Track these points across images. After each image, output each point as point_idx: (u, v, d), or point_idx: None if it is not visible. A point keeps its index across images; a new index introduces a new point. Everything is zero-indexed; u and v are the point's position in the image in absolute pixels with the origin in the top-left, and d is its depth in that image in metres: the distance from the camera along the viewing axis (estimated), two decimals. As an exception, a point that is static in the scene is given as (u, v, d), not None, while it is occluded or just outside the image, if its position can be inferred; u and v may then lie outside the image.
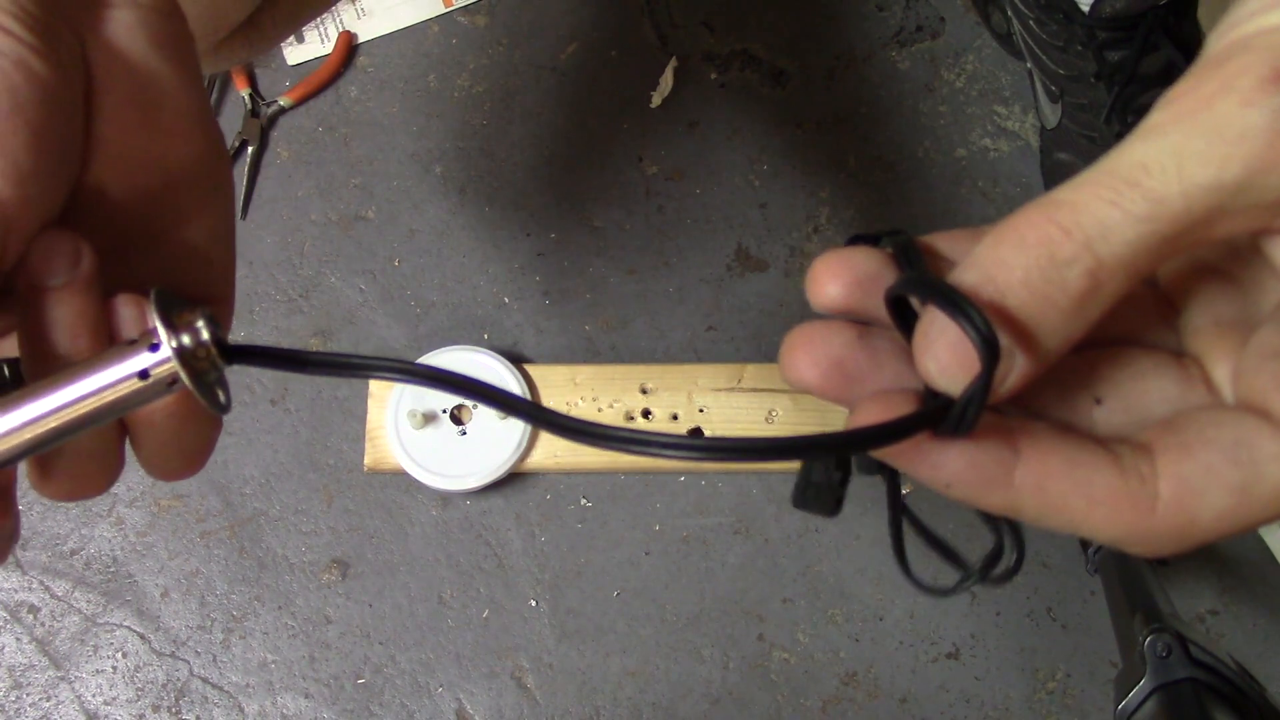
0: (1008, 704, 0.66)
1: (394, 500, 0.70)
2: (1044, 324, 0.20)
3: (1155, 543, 0.22)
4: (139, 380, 0.22)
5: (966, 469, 0.21)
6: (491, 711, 0.67)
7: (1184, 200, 0.19)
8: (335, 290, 0.73)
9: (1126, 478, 0.21)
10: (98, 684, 0.67)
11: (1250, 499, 0.21)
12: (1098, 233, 0.20)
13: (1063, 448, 0.22)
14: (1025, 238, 0.20)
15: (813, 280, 0.23)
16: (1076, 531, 0.22)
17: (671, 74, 0.75)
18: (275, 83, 0.76)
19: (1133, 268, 0.20)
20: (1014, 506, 0.22)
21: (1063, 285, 0.20)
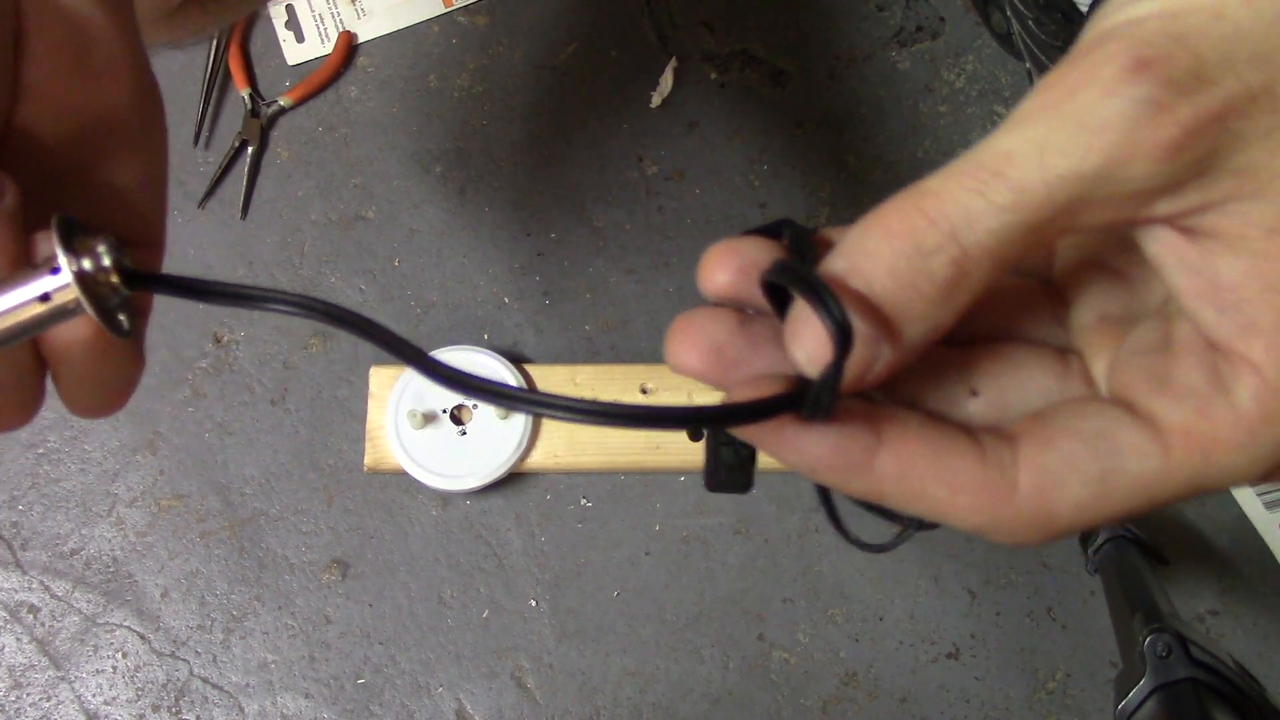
0: (1008, 704, 0.66)
1: (394, 500, 0.70)
2: (910, 312, 0.21)
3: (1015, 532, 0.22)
4: (40, 303, 0.22)
5: (828, 453, 0.22)
6: (491, 711, 0.67)
7: (1046, 190, 0.20)
8: (335, 290, 0.73)
9: (987, 466, 0.22)
10: (98, 684, 0.68)
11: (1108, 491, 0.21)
12: (962, 222, 0.20)
13: (926, 435, 0.22)
14: (891, 227, 0.21)
15: (702, 268, 0.23)
16: (939, 519, 0.22)
17: (671, 74, 0.75)
18: (275, 83, 0.76)
19: (998, 257, 0.20)
20: (877, 492, 0.22)
21: (928, 274, 0.20)
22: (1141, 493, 0.21)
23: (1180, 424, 0.21)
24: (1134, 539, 0.63)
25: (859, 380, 0.22)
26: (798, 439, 0.22)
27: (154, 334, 0.72)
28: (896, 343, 0.21)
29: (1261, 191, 0.20)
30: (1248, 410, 0.20)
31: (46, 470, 0.71)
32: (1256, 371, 0.20)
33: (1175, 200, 0.20)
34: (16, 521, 0.70)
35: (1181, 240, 0.21)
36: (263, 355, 0.72)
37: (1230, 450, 0.21)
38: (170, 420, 0.71)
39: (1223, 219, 0.20)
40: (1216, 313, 0.20)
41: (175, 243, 0.73)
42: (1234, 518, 0.68)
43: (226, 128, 0.76)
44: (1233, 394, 0.20)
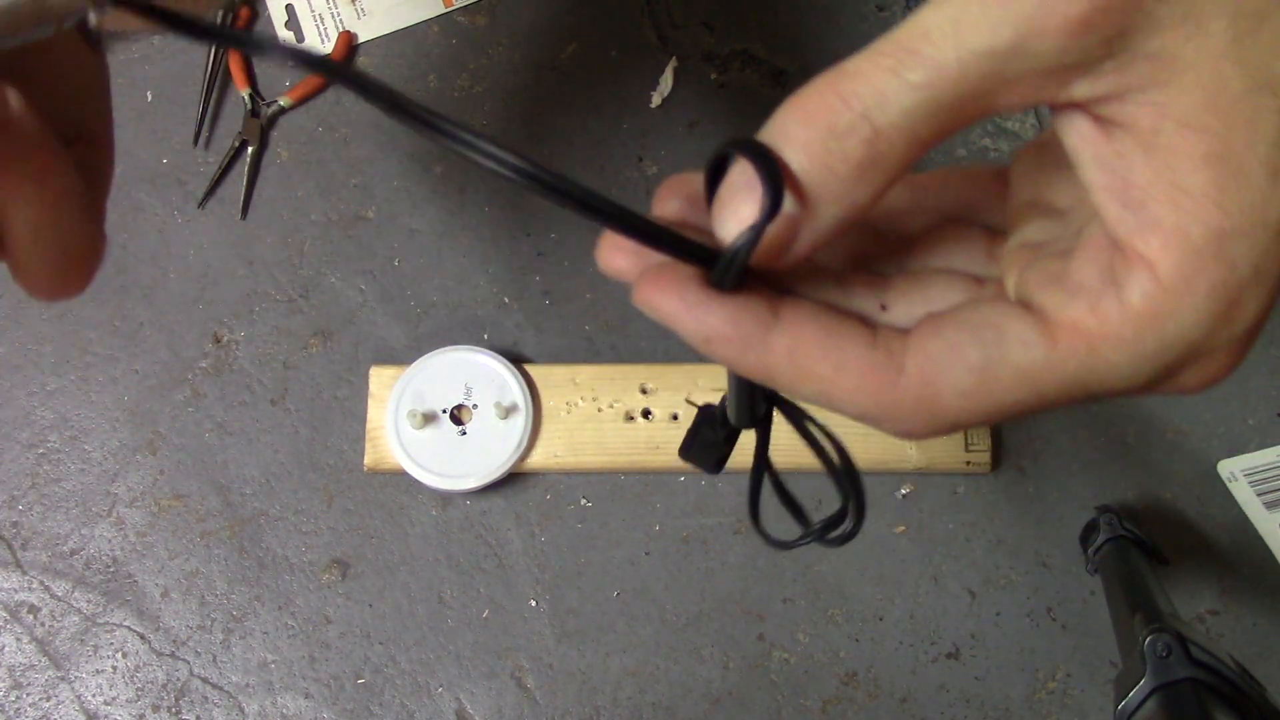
0: (1008, 704, 0.66)
1: (394, 500, 0.70)
2: (826, 192, 0.21)
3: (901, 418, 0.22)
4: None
5: (725, 324, 0.22)
6: (491, 711, 0.67)
7: (959, 67, 0.20)
8: (335, 290, 0.73)
9: (875, 350, 0.22)
10: (98, 684, 0.68)
11: (991, 379, 0.21)
12: (876, 101, 0.20)
13: (821, 317, 0.22)
14: (808, 107, 0.21)
15: (655, 197, 0.24)
16: (828, 403, 0.23)
17: (671, 74, 0.75)
18: (275, 83, 0.76)
19: (913, 137, 0.20)
20: (767, 369, 0.22)
21: (843, 154, 0.20)
22: (1025, 384, 0.21)
23: (1069, 318, 0.21)
24: (1134, 539, 0.63)
25: (775, 257, 0.22)
26: (700, 305, 0.22)
27: (154, 334, 0.72)
28: (813, 222, 0.21)
29: (1175, 80, 0.19)
30: (1137, 308, 0.20)
31: (46, 470, 0.71)
32: (1151, 270, 0.20)
33: (1091, 83, 0.20)
34: (16, 521, 0.70)
35: (1098, 133, 0.21)
36: (263, 355, 0.72)
37: (1115, 347, 0.21)
38: (170, 420, 0.71)
39: (1138, 110, 0.20)
40: (1121, 208, 0.20)
41: (175, 243, 0.73)
42: (1234, 518, 0.68)
43: (226, 128, 0.76)
44: (1125, 291, 0.20)
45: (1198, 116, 0.19)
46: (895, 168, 0.21)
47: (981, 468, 0.68)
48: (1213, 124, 0.19)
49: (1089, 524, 0.66)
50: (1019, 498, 0.69)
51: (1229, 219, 0.19)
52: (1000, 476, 0.69)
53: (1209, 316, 0.20)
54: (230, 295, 0.73)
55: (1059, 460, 0.70)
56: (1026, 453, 0.70)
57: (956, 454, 0.68)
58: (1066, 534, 0.68)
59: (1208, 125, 0.19)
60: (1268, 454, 0.68)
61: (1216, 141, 0.19)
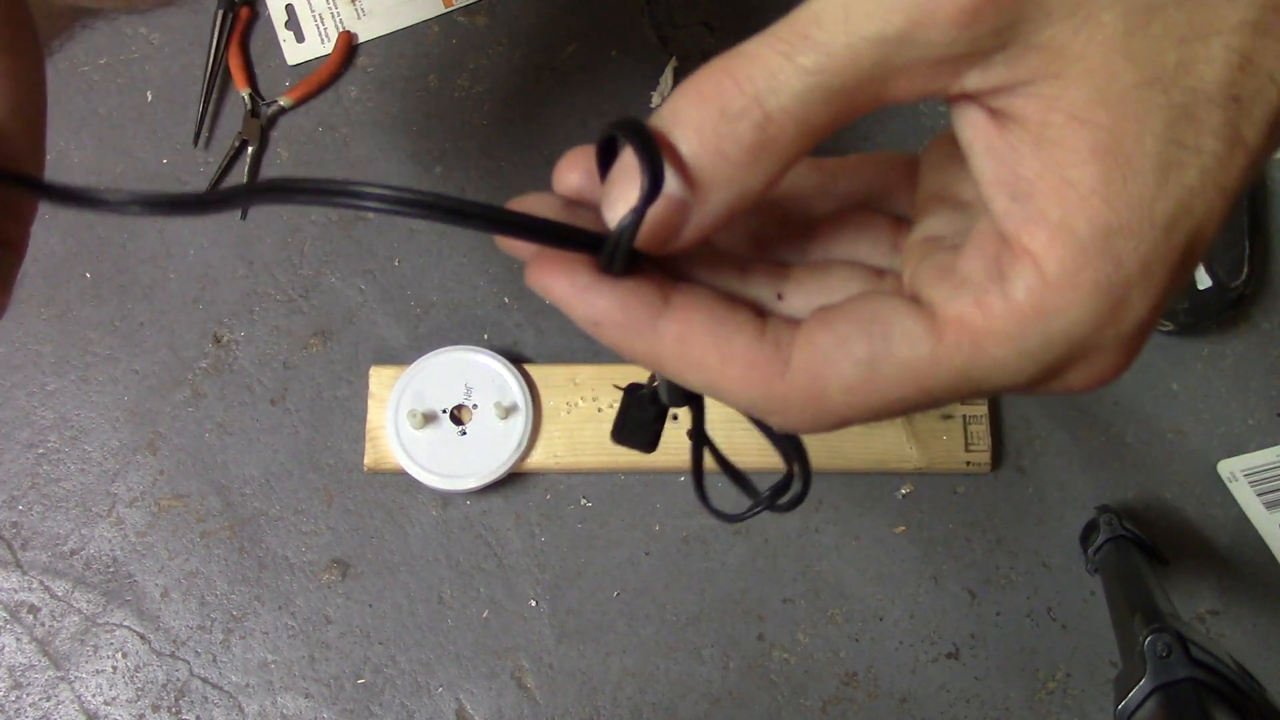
0: (1008, 704, 0.66)
1: (394, 500, 0.70)
2: (717, 176, 0.21)
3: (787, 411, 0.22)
4: None
5: (614, 308, 0.22)
6: (491, 711, 0.67)
7: (850, 53, 0.19)
8: (335, 290, 0.73)
9: (764, 341, 0.22)
10: (98, 684, 0.68)
11: (877, 374, 0.21)
12: (767, 86, 0.20)
13: (712, 306, 0.22)
14: (702, 90, 0.21)
15: (557, 170, 0.24)
16: (714, 393, 0.22)
17: (671, 74, 0.75)
18: (275, 83, 0.76)
19: (804, 122, 0.20)
20: (655, 355, 0.22)
21: (734, 138, 0.20)
22: (911, 379, 0.21)
23: (954, 313, 0.21)
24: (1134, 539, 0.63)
25: (664, 241, 0.22)
26: (589, 289, 0.22)
27: (154, 334, 0.72)
28: (703, 206, 0.21)
29: (1065, 72, 0.19)
30: (1021, 302, 0.20)
31: (46, 470, 0.71)
32: (1035, 264, 0.20)
33: (982, 74, 0.20)
34: (16, 521, 0.70)
35: (991, 125, 0.20)
36: (263, 355, 0.72)
37: (999, 342, 0.20)
38: (170, 420, 0.71)
39: (1029, 103, 0.20)
40: (1009, 201, 0.20)
41: (175, 243, 0.73)
42: (1234, 518, 0.68)
43: (226, 128, 0.76)
44: (1009, 285, 0.20)
45: (1087, 110, 0.19)
46: (787, 154, 0.21)
47: (981, 468, 0.68)
48: (1102, 118, 0.19)
49: (1089, 524, 0.66)
50: (1019, 498, 0.69)
51: (1116, 215, 0.19)
52: (1000, 476, 0.69)
53: (1094, 313, 0.20)
54: (230, 295, 0.73)
55: (1059, 460, 0.70)
56: (1026, 453, 0.70)
57: (956, 454, 0.68)
58: (1066, 534, 0.68)
59: (1097, 119, 0.19)
60: (1268, 454, 0.68)
61: (1105, 135, 0.19)
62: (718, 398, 0.22)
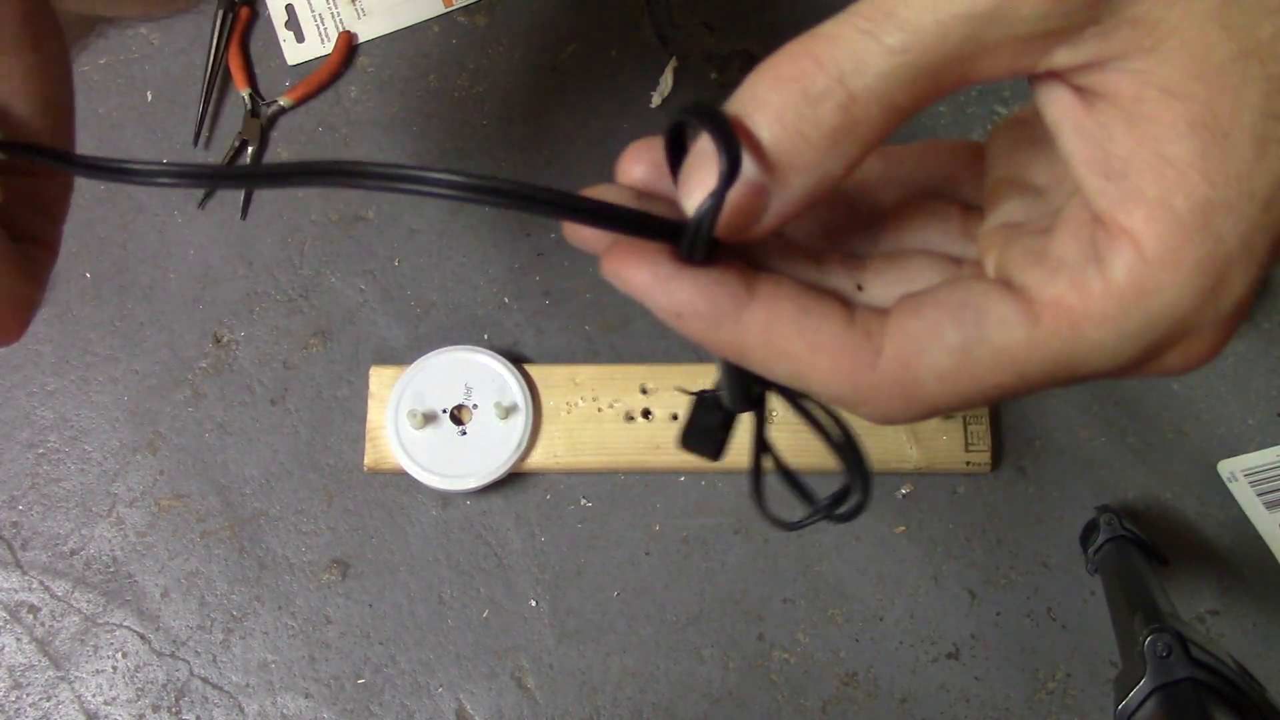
0: (1008, 704, 0.66)
1: (394, 500, 0.70)
2: (797, 160, 0.20)
3: (878, 401, 0.21)
4: None
5: (698, 298, 0.21)
6: (491, 711, 0.67)
7: (938, 30, 0.19)
8: (335, 290, 0.73)
9: (853, 330, 0.21)
10: (98, 684, 0.68)
11: (971, 360, 0.20)
12: (851, 66, 0.19)
13: (798, 295, 0.22)
14: (781, 72, 0.20)
15: (621, 162, 0.23)
16: (802, 384, 0.22)
17: (671, 74, 0.75)
18: (275, 83, 0.76)
19: (888, 103, 0.20)
20: (741, 346, 0.22)
21: (815, 120, 0.20)
22: (1007, 365, 0.20)
23: (1051, 296, 0.20)
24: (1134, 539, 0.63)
25: (744, 228, 0.21)
26: (670, 279, 0.21)
27: (154, 334, 0.72)
28: (783, 191, 0.20)
29: (1158, 47, 0.19)
30: (1120, 283, 0.19)
31: (46, 470, 0.71)
32: (1134, 243, 0.19)
33: (1072, 50, 0.19)
34: (16, 521, 0.70)
35: (1078, 103, 0.20)
36: (263, 355, 0.72)
37: (1099, 324, 0.20)
38: (170, 420, 0.71)
39: (1121, 79, 0.19)
40: (1103, 180, 0.20)
41: (175, 243, 0.73)
42: (1234, 518, 0.68)
43: (226, 128, 0.76)
44: (1107, 266, 0.20)
45: (1182, 84, 0.19)
46: (870, 136, 0.20)
47: (981, 468, 0.68)
48: (1198, 91, 0.18)
49: (1089, 524, 0.66)
50: (1019, 498, 0.69)
51: (1215, 190, 0.19)
52: (1000, 476, 0.69)
53: (1195, 292, 0.19)
54: (230, 295, 0.73)
55: (1059, 460, 0.70)
56: (1026, 453, 0.70)
57: (956, 454, 0.68)
58: (1066, 534, 0.68)
59: (1193, 93, 0.18)
60: (1268, 454, 0.68)
61: (1201, 110, 0.18)
62: (804, 389, 0.22)
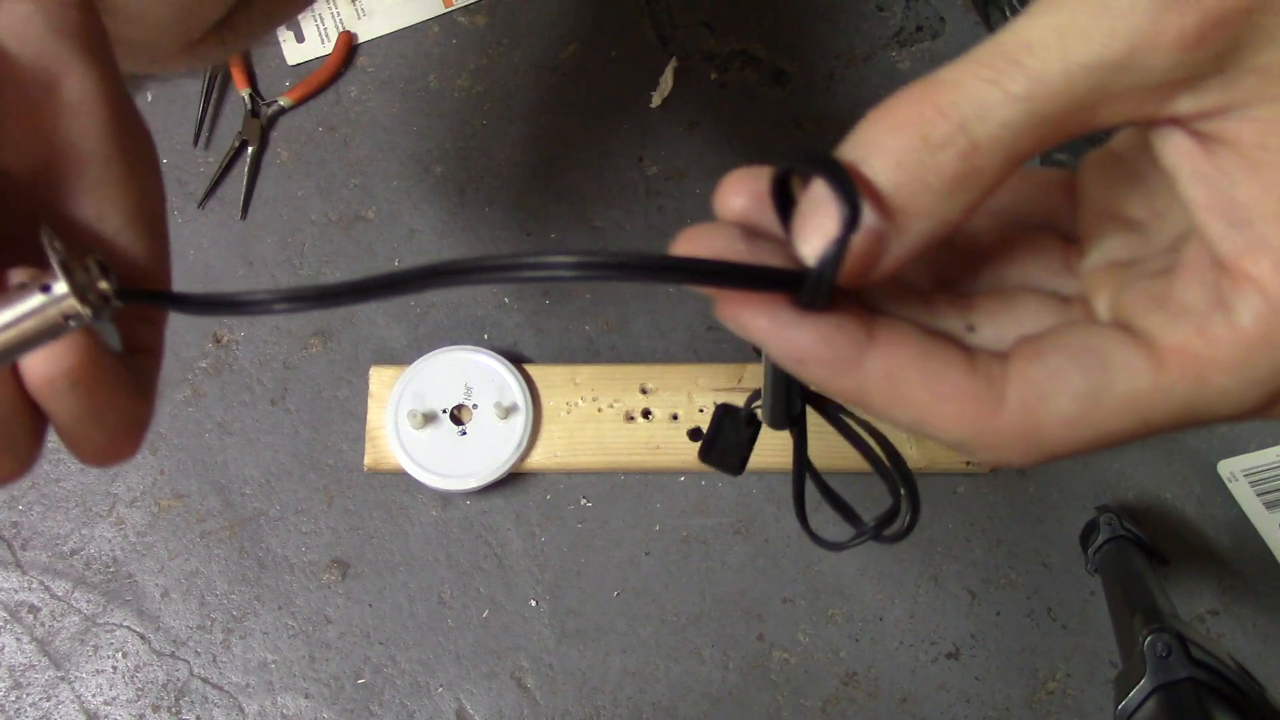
0: (1008, 704, 0.66)
1: (394, 500, 0.70)
2: (916, 206, 0.20)
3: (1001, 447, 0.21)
4: (36, 317, 0.22)
5: (819, 344, 0.21)
6: (491, 711, 0.67)
7: (1065, 79, 0.19)
8: (335, 290, 0.73)
9: (976, 376, 0.21)
10: (98, 684, 0.68)
11: (1097, 407, 0.21)
12: (974, 113, 0.19)
13: (919, 341, 0.22)
14: (900, 118, 0.20)
15: (719, 192, 0.23)
16: (923, 429, 0.22)
17: (671, 74, 0.75)
18: (275, 83, 0.76)
19: (1010, 150, 0.20)
20: (862, 392, 0.22)
21: (936, 167, 0.20)
22: (1132, 412, 0.21)
23: (1176, 342, 0.20)
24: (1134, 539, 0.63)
25: (863, 274, 0.21)
26: (790, 326, 0.21)
27: (154, 334, 0.72)
28: (902, 236, 0.20)
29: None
30: (1247, 330, 0.19)
31: (46, 470, 0.71)
32: (1260, 290, 0.19)
33: (1196, 98, 0.19)
34: (16, 521, 0.70)
35: (1198, 149, 0.20)
36: (263, 355, 0.72)
37: (1226, 371, 0.20)
38: (170, 420, 0.71)
39: (1243, 126, 0.19)
40: (1226, 227, 0.20)
41: (175, 243, 0.73)
42: (1234, 518, 0.68)
43: (226, 128, 0.76)
44: (1233, 312, 0.20)
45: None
46: (989, 182, 0.20)
47: (981, 468, 0.68)
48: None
49: (1089, 524, 0.66)
50: (1019, 498, 0.69)
51: None
52: (1000, 476, 0.69)
53: None
54: (230, 295, 0.73)
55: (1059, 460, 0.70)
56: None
57: (956, 455, 0.68)
58: (1066, 534, 0.68)
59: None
60: (1268, 454, 0.68)
61: None
62: (924, 434, 0.22)
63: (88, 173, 0.26)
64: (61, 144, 0.26)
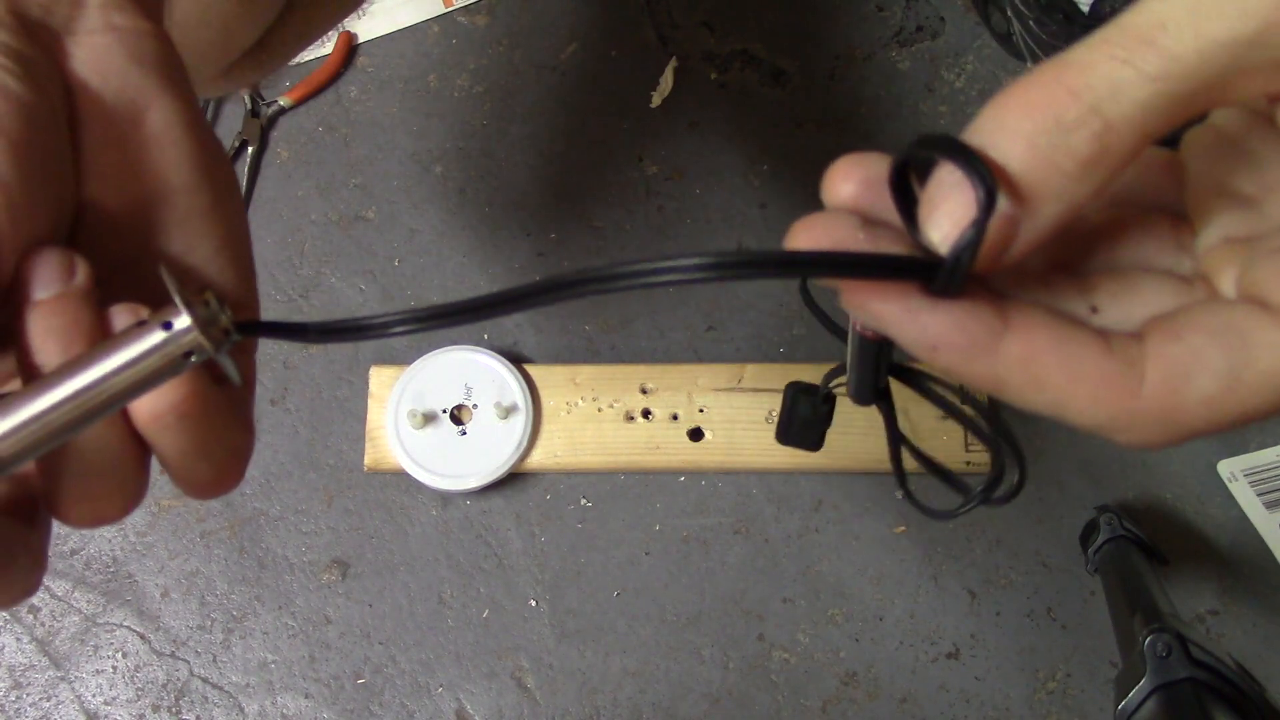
0: (1008, 704, 0.66)
1: (394, 500, 0.70)
2: (1048, 189, 0.20)
3: (1140, 428, 0.21)
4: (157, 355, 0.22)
5: (954, 331, 0.21)
6: (491, 711, 0.67)
7: (1199, 57, 0.19)
8: (335, 290, 0.73)
9: (1113, 358, 0.21)
10: (98, 684, 0.68)
11: (1239, 384, 0.21)
12: (1107, 93, 0.19)
13: (1053, 324, 0.22)
14: (1031, 101, 0.20)
15: (828, 179, 0.23)
16: (1060, 413, 0.22)
17: (671, 74, 0.75)
18: (275, 83, 0.76)
19: (1143, 130, 0.20)
20: (998, 378, 0.21)
21: (1068, 150, 0.20)
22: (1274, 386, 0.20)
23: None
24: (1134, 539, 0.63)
25: (994, 259, 0.21)
26: (923, 313, 0.21)
27: (154, 334, 0.72)
28: (1034, 220, 0.20)
29: None
30: None
31: (46, 470, 0.71)
32: None
33: None
34: (16, 521, 0.70)
35: None
36: (263, 355, 0.72)
37: None
38: (170, 420, 0.71)
39: None
40: None
41: (175, 243, 0.73)
42: (1234, 518, 0.68)
43: (226, 128, 0.76)
44: None
45: None
46: (1120, 163, 0.20)
47: (981, 467, 0.68)
48: None
49: (1089, 524, 0.66)
50: (1019, 498, 0.69)
51: None
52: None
53: None
54: (230, 295, 0.73)
55: (1059, 460, 0.70)
56: (1027, 453, 0.70)
57: (956, 454, 0.68)
58: (1066, 534, 0.68)
59: None
60: (1268, 454, 0.68)
61: None
62: (1060, 417, 0.22)
63: (177, 204, 0.26)
64: (149, 177, 0.26)
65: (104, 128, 0.25)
